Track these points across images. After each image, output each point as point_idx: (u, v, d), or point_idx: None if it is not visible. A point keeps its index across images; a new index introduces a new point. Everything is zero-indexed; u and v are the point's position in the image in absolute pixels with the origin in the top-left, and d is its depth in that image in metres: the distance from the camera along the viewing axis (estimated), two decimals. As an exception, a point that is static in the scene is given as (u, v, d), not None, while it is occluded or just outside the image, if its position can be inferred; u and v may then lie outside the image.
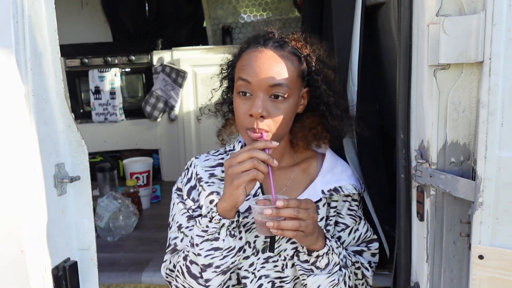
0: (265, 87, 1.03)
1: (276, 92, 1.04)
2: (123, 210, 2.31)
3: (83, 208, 1.12)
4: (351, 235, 1.20)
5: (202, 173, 1.17)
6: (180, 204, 1.18)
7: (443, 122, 0.88)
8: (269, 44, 1.08)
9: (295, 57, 1.09)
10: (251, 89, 1.05)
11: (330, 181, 1.17)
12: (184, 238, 1.15)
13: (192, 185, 1.18)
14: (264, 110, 1.03)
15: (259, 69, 1.04)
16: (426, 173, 0.91)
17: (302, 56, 1.10)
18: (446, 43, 0.82)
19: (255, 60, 1.06)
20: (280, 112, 1.05)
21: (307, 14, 2.04)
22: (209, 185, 1.15)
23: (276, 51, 1.07)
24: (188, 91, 3.21)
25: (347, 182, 1.17)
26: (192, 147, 3.30)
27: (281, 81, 1.04)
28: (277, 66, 1.05)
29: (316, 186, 1.17)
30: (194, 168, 1.19)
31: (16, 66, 0.96)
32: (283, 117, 1.06)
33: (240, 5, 3.80)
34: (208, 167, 1.18)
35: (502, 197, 0.79)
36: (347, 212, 1.19)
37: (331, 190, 1.15)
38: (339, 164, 1.22)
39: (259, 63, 1.05)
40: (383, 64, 1.48)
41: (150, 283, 1.85)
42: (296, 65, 1.08)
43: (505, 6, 0.75)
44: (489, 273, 0.81)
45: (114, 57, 3.24)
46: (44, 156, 1.02)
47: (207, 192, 1.15)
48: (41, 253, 1.02)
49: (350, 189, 1.16)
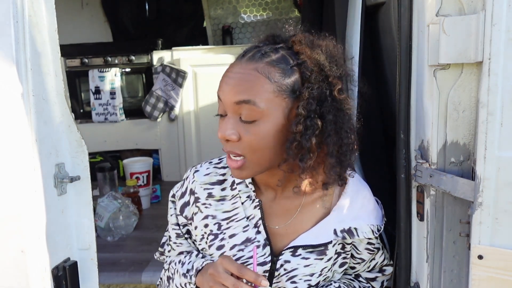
0: (232, 105, 0.89)
1: (242, 112, 0.88)
2: (123, 210, 2.31)
3: (83, 208, 1.12)
4: (367, 264, 1.11)
5: (200, 192, 1.05)
6: (173, 217, 1.12)
7: (443, 122, 0.88)
8: (246, 55, 0.91)
9: (279, 68, 0.88)
10: (225, 107, 0.91)
11: (346, 218, 1.01)
12: (171, 251, 1.17)
13: (185, 201, 1.08)
14: (232, 132, 0.89)
15: (225, 84, 0.90)
16: (426, 173, 0.91)
17: (292, 65, 0.89)
18: (446, 43, 0.82)
19: (225, 75, 0.92)
20: (252, 136, 0.88)
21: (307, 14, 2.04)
22: (206, 207, 1.05)
23: (249, 63, 0.89)
24: (188, 91, 3.21)
25: (365, 222, 1.01)
26: (192, 147, 3.30)
27: (246, 97, 0.87)
28: (244, 80, 0.87)
29: (329, 224, 1.01)
30: (190, 184, 1.07)
31: (16, 66, 0.96)
32: (260, 141, 0.89)
33: (240, 5, 3.80)
34: (207, 184, 1.05)
35: (502, 197, 0.79)
36: (365, 247, 1.06)
37: (345, 231, 1.00)
38: (360, 196, 1.03)
39: (226, 77, 0.91)
40: (383, 64, 1.48)
41: (150, 283, 1.86)
42: (277, 78, 0.87)
43: (505, 6, 0.75)
44: (488, 273, 0.81)
45: (114, 57, 3.25)
46: (44, 156, 1.02)
47: (203, 215, 1.05)
48: (41, 253, 1.02)
49: (366, 233, 1.00)
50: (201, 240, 1.07)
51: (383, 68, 1.49)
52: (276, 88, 0.87)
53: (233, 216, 1.04)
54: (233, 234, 1.03)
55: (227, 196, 1.05)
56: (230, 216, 1.04)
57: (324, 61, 0.90)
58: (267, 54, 0.89)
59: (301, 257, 1.01)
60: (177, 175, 3.37)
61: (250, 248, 1.01)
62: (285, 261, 1.01)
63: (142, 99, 3.33)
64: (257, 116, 0.87)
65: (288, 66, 0.89)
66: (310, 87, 0.88)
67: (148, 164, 2.82)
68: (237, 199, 1.04)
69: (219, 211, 1.04)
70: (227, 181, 1.06)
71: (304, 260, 1.01)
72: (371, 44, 1.52)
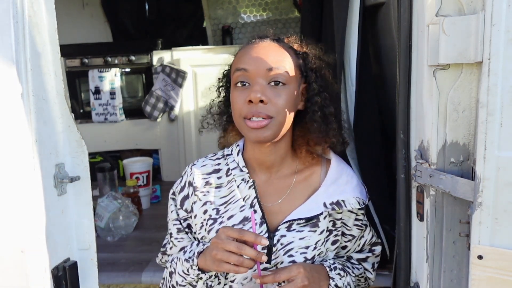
0: (264, 72, 1.01)
1: (275, 77, 1.01)
2: (123, 210, 2.31)
3: (83, 208, 1.12)
4: (357, 242, 1.18)
5: (198, 181, 1.14)
6: (173, 213, 1.17)
7: (443, 122, 0.88)
8: (265, 37, 1.09)
9: (293, 51, 1.09)
10: (249, 78, 1.02)
11: (334, 193, 1.10)
12: (173, 247, 1.19)
13: (185, 195, 1.15)
14: (263, 95, 1.00)
15: (256, 55, 1.03)
16: (426, 173, 0.91)
17: (299, 52, 1.10)
18: (445, 43, 0.82)
19: (251, 48, 1.05)
20: (281, 98, 1.02)
21: (307, 14, 2.04)
22: (204, 195, 1.12)
23: (272, 42, 1.07)
24: (188, 91, 3.21)
25: (351, 195, 1.10)
26: (192, 147, 3.30)
27: (279, 65, 1.02)
28: (275, 52, 1.04)
29: (318, 198, 1.10)
30: (188, 176, 1.15)
31: (16, 66, 0.96)
32: (285, 104, 1.02)
33: (240, 5, 3.80)
34: (204, 174, 1.14)
35: (502, 197, 0.79)
36: (354, 223, 1.15)
37: (334, 203, 1.09)
38: (344, 174, 1.14)
39: (255, 50, 1.04)
40: (383, 64, 1.48)
41: (150, 283, 1.85)
42: (294, 58, 1.07)
43: (504, 6, 0.75)
44: (488, 273, 0.81)
45: (114, 57, 3.24)
46: (44, 156, 1.02)
47: (202, 202, 1.12)
48: (41, 253, 1.02)
49: (353, 204, 1.10)
50: (201, 228, 1.12)
51: (383, 68, 1.49)
52: (296, 64, 1.06)
53: (230, 199, 1.11)
54: (231, 215, 1.10)
55: (223, 183, 1.13)
56: (227, 200, 1.11)
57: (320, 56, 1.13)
58: (281, 40, 1.10)
59: (296, 231, 1.08)
60: (177, 175, 3.34)
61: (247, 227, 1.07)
62: (281, 236, 1.07)
63: (142, 99, 3.33)
64: (286, 80, 1.02)
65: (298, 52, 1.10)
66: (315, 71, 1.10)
67: (148, 164, 2.82)
68: (233, 183, 1.12)
69: (217, 197, 1.12)
70: (222, 170, 1.15)
71: (299, 233, 1.08)
72: (371, 44, 1.52)
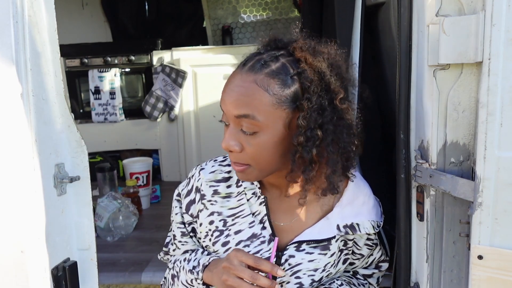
0: (233, 118, 0.91)
1: (243, 125, 0.90)
2: (123, 210, 2.31)
3: (83, 208, 1.12)
4: (365, 260, 1.14)
5: (206, 189, 1.06)
6: (178, 215, 1.12)
7: (443, 122, 0.88)
8: (247, 64, 0.91)
9: (278, 79, 0.88)
10: (227, 119, 0.93)
11: (349, 215, 1.03)
12: (176, 249, 1.16)
13: (191, 199, 1.08)
14: (234, 143, 0.91)
15: (226, 97, 0.91)
16: (426, 173, 0.91)
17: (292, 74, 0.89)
18: (445, 43, 0.82)
19: (226, 86, 0.93)
20: (253, 147, 0.90)
21: (307, 14, 2.04)
22: (212, 204, 1.05)
23: (249, 74, 0.89)
24: (188, 91, 3.21)
25: (366, 217, 1.04)
26: (192, 147, 3.30)
27: (247, 112, 0.88)
28: (243, 94, 0.89)
29: (332, 219, 1.03)
30: (196, 181, 1.08)
31: (16, 66, 0.96)
32: (261, 152, 0.91)
33: (240, 5, 3.80)
34: (213, 181, 1.06)
35: (502, 197, 0.79)
36: (365, 243, 1.09)
37: (348, 226, 1.03)
38: (361, 194, 1.06)
39: (227, 89, 0.92)
40: (383, 64, 1.48)
41: (150, 283, 1.85)
42: (276, 90, 0.88)
43: (504, 6, 0.75)
44: (488, 273, 0.81)
45: (114, 57, 3.25)
46: (44, 156, 1.02)
47: (209, 212, 1.06)
48: (40, 253, 1.02)
49: (368, 228, 1.03)
50: (205, 237, 1.08)
51: (383, 68, 1.49)
52: (275, 101, 0.88)
53: (239, 212, 1.05)
54: (238, 230, 1.04)
55: (232, 193, 1.06)
56: (235, 213, 1.05)
57: (325, 69, 0.90)
58: (266, 64, 0.89)
59: (305, 252, 1.02)
60: (177, 175, 3.37)
61: (255, 244, 1.02)
62: (290, 256, 1.02)
63: (142, 99, 3.33)
64: (257, 128, 0.89)
65: (288, 76, 0.89)
66: (310, 97, 0.88)
67: (148, 164, 2.82)
68: (243, 195, 1.05)
69: (224, 207, 1.05)
70: (232, 178, 1.07)
71: (308, 255, 1.02)
72: (371, 44, 1.52)
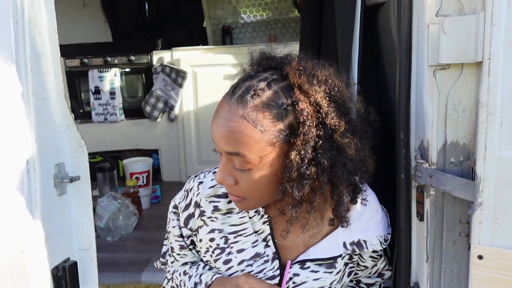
0: (224, 153, 0.85)
1: (235, 161, 0.84)
2: (123, 210, 2.31)
3: (83, 208, 1.12)
4: (369, 270, 1.11)
5: (206, 206, 1.00)
6: (175, 228, 1.07)
7: (443, 122, 0.88)
8: (236, 93, 0.82)
9: (270, 113, 0.80)
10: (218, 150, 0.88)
11: (355, 231, 0.99)
12: (174, 262, 1.13)
13: (190, 213, 1.03)
14: (228, 178, 0.86)
15: (215, 131, 0.84)
16: (426, 173, 0.91)
17: (285, 105, 0.81)
18: (445, 43, 0.82)
19: (215, 115, 0.85)
20: (247, 183, 0.85)
21: (307, 14, 2.04)
22: (212, 220, 1.00)
23: (238, 106, 0.80)
24: (188, 91, 3.21)
25: (374, 233, 1.00)
26: (192, 147, 3.30)
27: (235, 150, 0.82)
28: (232, 131, 0.81)
29: (338, 236, 0.99)
30: (195, 196, 1.02)
31: (16, 66, 0.96)
32: (255, 186, 0.85)
33: (240, 5, 3.80)
34: (213, 197, 1.00)
35: (502, 197, 0.79)
36: (370, 255, 1.06)
37: (354, 243, 0.99)
38: (369, 209, 1.01)
39: (215, 122, 0.84)
40: (383, 64, 1.48)
41: (150, 283, 1.86)
42: (268, 126, 0.80)
43: (504, 6, 0.75)
44: (488, 273, 0.81)
45: (114, 57, 3.25)
46: (44, 156, 1.02)
47: (209, 228, 1.01)
48: (41, 253, 1.02)
49: (375, 245, 1.00)
50: (206, 252, 1.04)
51: (383, 68, 1.49)
52: (267, 137, 0.80)
53: (241, 230, 1.00)
54: (241, 249, 1.00)
55: (234, 209, 1.00)
56: (237, 230, 1.00)
57: (323, 100, 0.82)
58: (256, 94, 0.80)
59: (310, 270, 0.99)
60: (177, 175, 3.37)
61: (259, 263, 0.99)
62: (294, 274, 0.99)
63: (142, 99, 3.33)
64: (249, 166, 0.83)
65: (281, 108, 0.81)
66: (305, 132, 0.80)
67: (148, 164, 2.82)
68: (245, 213, 1.00)
69: (225, 224, 1.00)
70: None
71: (313, 274, 0.99)
72: (371, 44, 1.52)
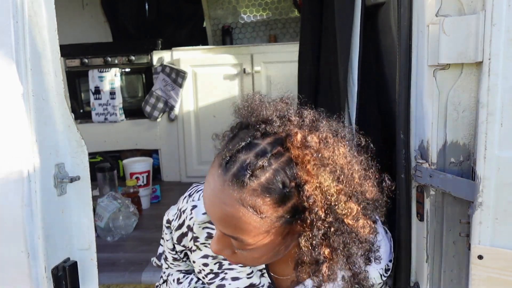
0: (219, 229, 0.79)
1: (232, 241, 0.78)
2: (123, 210, 2.31)
3: (83, 208, 1.12)
4: None
5: (199, 232, 0.97)
6: (169, 242, 1.06)
7: (443, 122, 0.88)
8: (229, 170, 0.71)
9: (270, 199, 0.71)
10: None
11: None
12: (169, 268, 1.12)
13: (183, 232, 1.00)
14: (224, 250, 0.81)
15: (208, 209, 0.77)
16: (426, 173, 0.91)
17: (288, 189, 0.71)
18: (445, 43, 0.82)
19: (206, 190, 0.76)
20: (246, 258, 0.80)
21: (307, 14, 2.04)
22: (205, 246, 0.98)
23: (233, 187, 0.70)
24: (188, 91, 3.21)
25: (375, 267, 0.93)
26: (192, 147, 3.30)
27: (232, 234, 0.75)
28: (228, 215, 0.72)
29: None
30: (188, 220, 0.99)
31: (16, 66, 0.96)
32: (255, 260, 0.81)
33: (240, 5, 3.80)
34: (207, 223, 0.96)
35: (502, 197, 0.79)
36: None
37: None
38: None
39: (208, 200, 0.75)
40: (383, 64, 1.48)
41: (150, 283, 1.85)
42: (269, 212, 0.71)
43: (505, 6, 0.75)
44: (488, 273, 0.81)
45: (114, 57, 3.25)
46: (44, 156, 1.02)
47: (203, 253, 0.99)
48: (41, 253, 1.02)
49: (375, 278, 0.95)
50: (199, 273, 1.03)
51: (383, 68, 1.49)
52: (267, 224, 0.72)
53: None
54: (236, 277, 0.98)
55: None
56: None
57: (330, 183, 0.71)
58: (254, 175, 0.70)
59: None
60: (177, 175, 3.37)
61: None
62: None
63: (142, 99, 3.33)
64: (248, 247, 0.76)
65: (284, 191, 0.71)
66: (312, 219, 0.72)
67: (148, 164, 2.82)
68: None
69: None
70: None
71: None
72: (371, 44, 1.52)
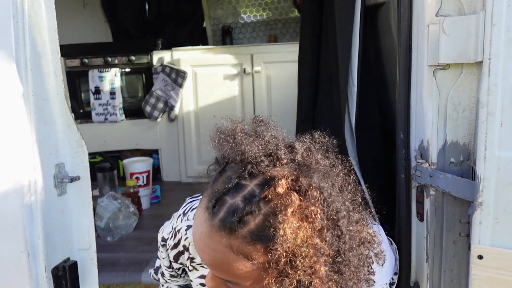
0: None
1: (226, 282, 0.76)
2: (123, 210, 2.31)
3: (83, 208, 1.12)
4: None
5: (195, 253, 0.96)
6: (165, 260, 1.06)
7: (443, 122, 0.88)
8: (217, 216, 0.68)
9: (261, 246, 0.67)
10: None
11: None
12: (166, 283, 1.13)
13: (179, 251, 1.00)
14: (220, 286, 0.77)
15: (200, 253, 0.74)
16: (426, 173, 0.91)
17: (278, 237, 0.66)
18: (445, 43, 0.82)
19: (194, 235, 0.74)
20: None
21: (307, 14, 2.04)
22: (202, 266, 0.98)
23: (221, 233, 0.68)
24: (188, 91, 3.21)
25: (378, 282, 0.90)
26: (192, 147, 3.30)
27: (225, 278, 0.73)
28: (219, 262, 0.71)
29: None
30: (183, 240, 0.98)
31: (16, 66, 0.96)
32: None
33: (240, 5, 3.80)
34: None
35: (502, 197, 0.79)
36: None
37: None
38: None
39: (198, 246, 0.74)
40: (383, 64, 1.48)
41: (149, 283, 1.86)
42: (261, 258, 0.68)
43: (505, 6, 0.75)
44: (488, 273, 0.81)
45: (114, 57, 3.25)
46: (44, 156, 1.02)
47: (200, 273, 0.99)
48: (41, 253, 1.02)
49: None
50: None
51: (383, 68, 1.49)
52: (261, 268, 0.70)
53: None
54: None
55: None
56: None
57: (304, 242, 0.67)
58: (243, 222, 0.67)
59: None
60: (177, 175, 3.37)
61: None
62: None
63: (142, 99, 3.33)
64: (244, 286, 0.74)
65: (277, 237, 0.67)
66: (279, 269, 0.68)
67: (148, 164, 2.82)
68: None
69: None
70: None
71: None
72: (371, 44, 1.52)
